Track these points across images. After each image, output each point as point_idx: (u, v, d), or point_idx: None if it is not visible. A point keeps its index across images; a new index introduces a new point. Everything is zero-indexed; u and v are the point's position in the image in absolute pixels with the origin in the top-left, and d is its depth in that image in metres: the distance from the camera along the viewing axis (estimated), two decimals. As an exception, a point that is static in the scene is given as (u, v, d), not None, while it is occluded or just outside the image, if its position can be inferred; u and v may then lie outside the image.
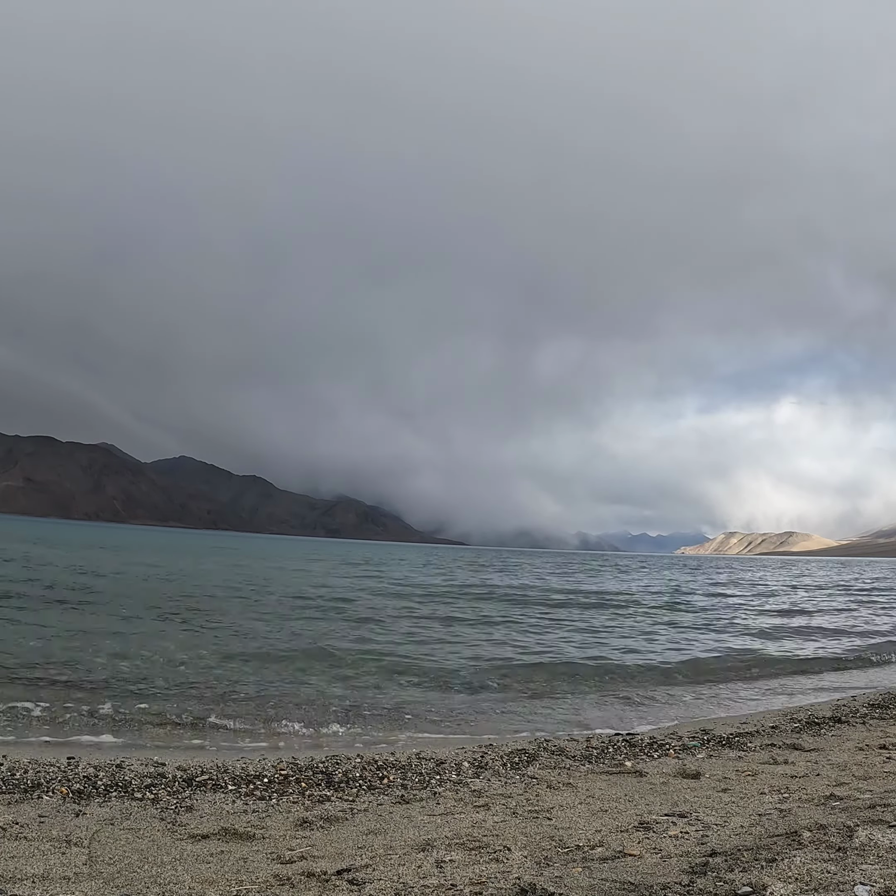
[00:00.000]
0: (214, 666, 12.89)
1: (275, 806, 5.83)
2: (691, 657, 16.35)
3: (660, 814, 5.40)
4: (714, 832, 4.80)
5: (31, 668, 11.62)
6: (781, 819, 5.01)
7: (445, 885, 3.92)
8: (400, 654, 15.16)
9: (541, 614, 25.86)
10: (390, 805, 5.89)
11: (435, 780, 6.70)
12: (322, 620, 20.58)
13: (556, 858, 4.39)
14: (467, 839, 4.85)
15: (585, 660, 15.45)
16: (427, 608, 26.01)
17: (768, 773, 6.82)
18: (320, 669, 13.14)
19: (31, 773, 6.31)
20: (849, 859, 3.68)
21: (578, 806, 5.79)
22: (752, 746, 8.13)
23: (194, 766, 6.85)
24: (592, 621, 23.85)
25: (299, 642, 16.16)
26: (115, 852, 4.61)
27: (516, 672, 13.83)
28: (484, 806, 5.82)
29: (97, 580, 29.31)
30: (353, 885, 3.99)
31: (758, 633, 21.67)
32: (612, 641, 18.90)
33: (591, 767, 7.25)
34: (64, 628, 15.95)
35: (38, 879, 4.06)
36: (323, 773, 6.80)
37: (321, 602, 25.95)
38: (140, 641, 14.75)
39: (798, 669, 15.57)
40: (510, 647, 17.32)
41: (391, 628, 19.57)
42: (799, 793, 5.95)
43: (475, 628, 20.81)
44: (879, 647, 19.01)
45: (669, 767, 7.10)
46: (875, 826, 4.29)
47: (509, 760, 7.46)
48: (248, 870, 4.33)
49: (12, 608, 18.78)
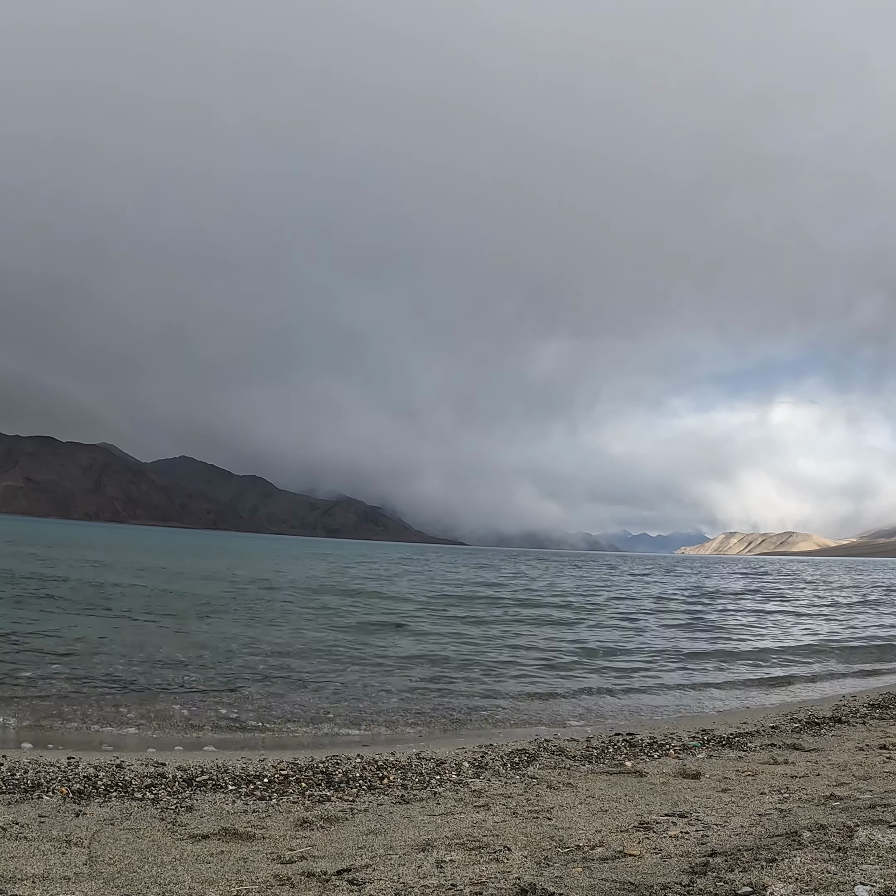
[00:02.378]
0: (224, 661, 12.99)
1: (275, 806, 5.82)
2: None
3: (660, 814, 5.40)
4: (714, 832, 4.79)
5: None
6: (781, 819, 5.00)
7: (445, 885, 3.92)
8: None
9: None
10: (390, 805, 5.89)
11: (435, 780, 6.70)
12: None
13: (556, 858, 4.38)
14: (467, 839, 4.84)
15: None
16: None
17: (768, 773, 6.81)
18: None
19: (32, 773, 6.30)
20: (849, 859, 3.67)
21: (579, 806, 5.78)
22: (753, 746, 8.13)
23: (194, 766, 6.85)
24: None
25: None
26: (115, 852, 4.61)
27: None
28: (484, 806, 5.82)
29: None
30: (353, 885, 3.99)
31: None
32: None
33: (592, 767, 7.24)
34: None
35: (39, 879, 4.06)
36: (323, 773, 6.79)
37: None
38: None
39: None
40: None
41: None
42: (799, 793, 5.95)
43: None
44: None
45: (669, 767, 7.10)
46: (875, 826, 4.29)
47: (509, 760, 7.45)
48: (248, 870, 4.33)
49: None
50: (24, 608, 19.20)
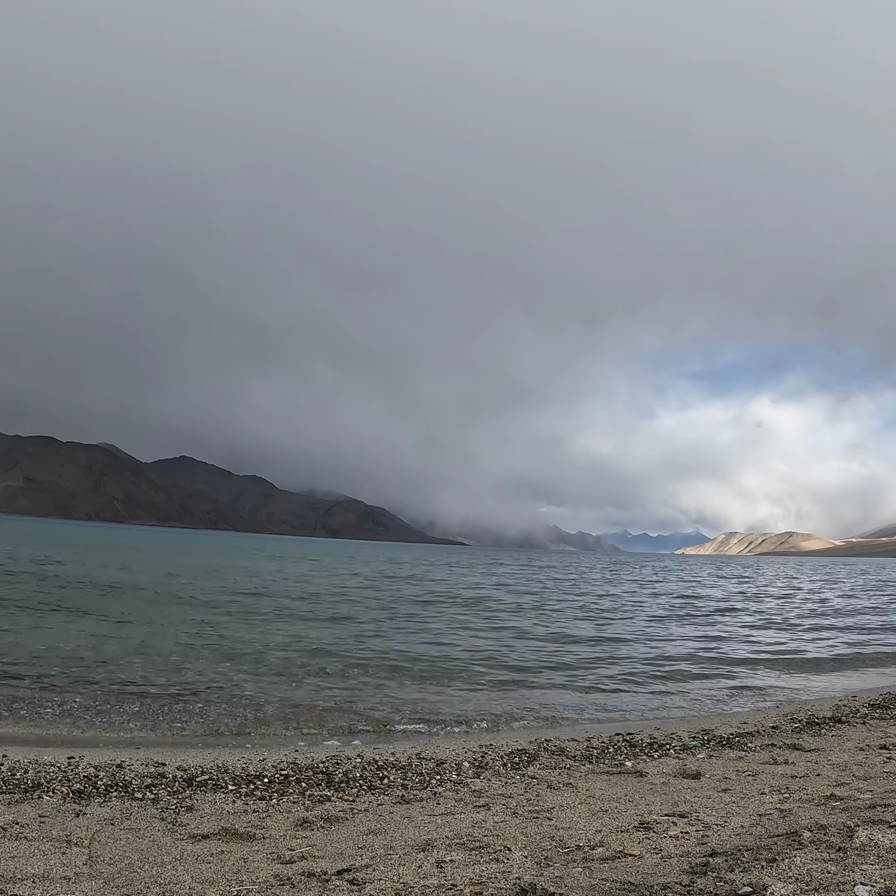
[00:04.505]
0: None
1: (275, 806, 5.82)
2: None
3: (660, 814, 5.40)
4: (714, 832, 4.80)
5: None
6: (782, 819, 5.00)
7: (446, 885, 3.92)
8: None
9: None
10: (391, 805, 5.89)
11: (435, 780, 6.70)
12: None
13: (556, 858, 4.38)
14: (468, 839, 4.85)
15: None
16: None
17: (769, 774, 6.81)
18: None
19: (32, 773, 6.30)
20: (849, 859, 3.67)
21: (579, 806, 5.78)
22: (753, 746, 8.13)
23: (194, 766, 6.85)
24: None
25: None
26: (115, 852, 4.61)
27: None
28: (484, 806, 5.82)
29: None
30: (353, 886, 3.99)
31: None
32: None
33: (592, 767, 7.24)
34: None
35: (39, 879, 4.06)
36: (323, 773, 6.79)
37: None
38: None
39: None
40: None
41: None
42: (799, 793, 5.95)
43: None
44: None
45: (670, 767, 7.10)
46: (875, 826, 4.29)
47: (509, 760, 7.45)
48: (248, 870, 4.33)
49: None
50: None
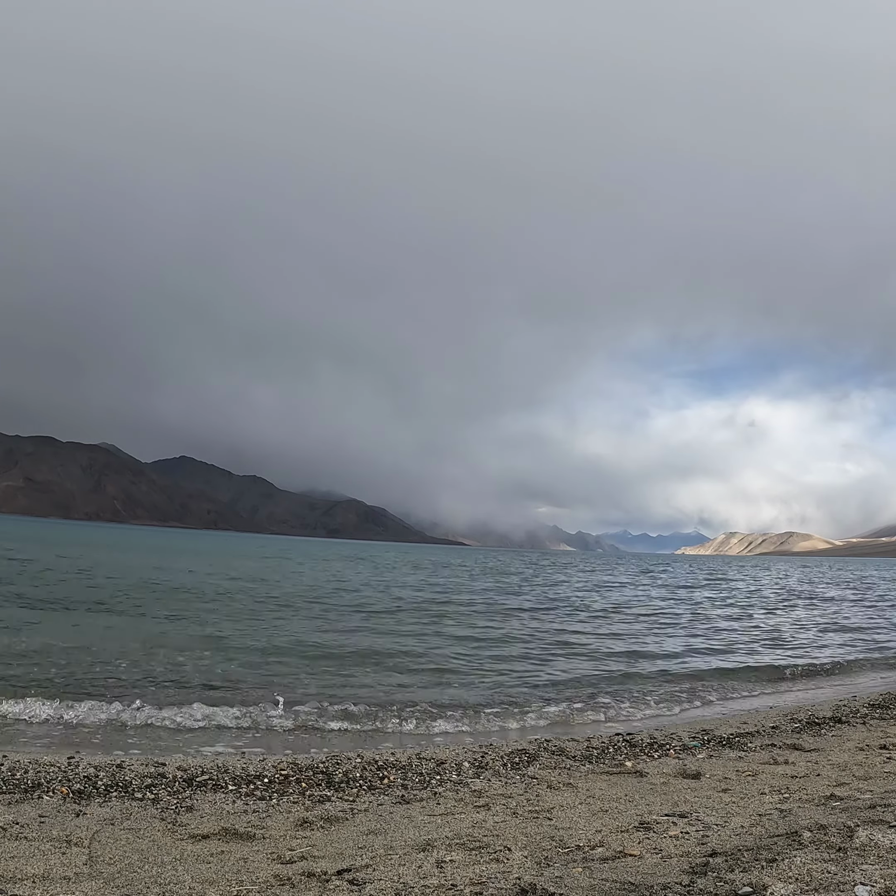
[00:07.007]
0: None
1: (275, 806, 5.82)
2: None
3: (660, 814, 5.40)
4: (714, 832, 4.80)
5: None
6: (782, 819, 5.01)
7: (446, 886, 3.92)
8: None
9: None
10: (391, 805, 5.89)
11: (435, 780, 6.70)
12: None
13: (556, 858, 4.38)
14: (468, 839, 4.85)
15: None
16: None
17: (769, 774, 6.81)
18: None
19: (32, 773, 6.30)
20: (849, 859, 3.67)
21: (579, 806, 5.78)
22: (753, 746, 8.13)
23: (195, 767, 6.85)
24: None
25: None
26: (115, 852, 4.61)
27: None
28: (484, 806, 5.82)
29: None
30: (353, 886, 3.99)
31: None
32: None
33: (592, 767, 7.24)
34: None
35: (39, 879, 4.06)
36: (323, 773, 6.79)
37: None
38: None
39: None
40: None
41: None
42: (799, 793, 5.95)
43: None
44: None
45: (670, 767, 7.10)
46: (875, 826, 4.29)
47: (510, 760, 7.45)
48: (248, 870, 4.33)
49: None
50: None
